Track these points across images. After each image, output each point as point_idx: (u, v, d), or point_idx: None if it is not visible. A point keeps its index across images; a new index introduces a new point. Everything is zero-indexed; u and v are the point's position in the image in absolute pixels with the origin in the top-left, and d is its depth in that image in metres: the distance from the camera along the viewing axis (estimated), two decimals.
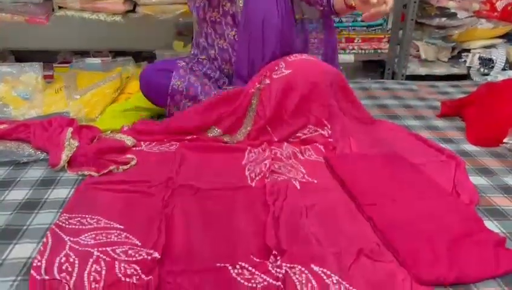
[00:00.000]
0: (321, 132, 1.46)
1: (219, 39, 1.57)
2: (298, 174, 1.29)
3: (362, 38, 2.56)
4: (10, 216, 1.07)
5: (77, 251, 0.94)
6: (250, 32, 1.51)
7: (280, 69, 1.47)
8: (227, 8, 1.54)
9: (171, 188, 1.18)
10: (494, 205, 1.17)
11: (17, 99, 1.68)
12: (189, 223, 1.06)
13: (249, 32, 1.52)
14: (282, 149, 1.41)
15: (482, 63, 2.62)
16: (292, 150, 1.41)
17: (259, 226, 1.05)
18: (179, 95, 1.56)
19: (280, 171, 1.28)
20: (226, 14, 1.53)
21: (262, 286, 0.88)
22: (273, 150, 1.39)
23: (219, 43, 1.57)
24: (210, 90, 1.58)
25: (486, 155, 1.44)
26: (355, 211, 1.13)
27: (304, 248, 0.98)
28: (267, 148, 1.39)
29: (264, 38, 1.52)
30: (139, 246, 0.97)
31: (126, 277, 0.88)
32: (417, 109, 1.83)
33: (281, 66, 1.47)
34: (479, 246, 0.98)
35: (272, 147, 1.41)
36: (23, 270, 0.90)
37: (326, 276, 0.90)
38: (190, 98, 1.57)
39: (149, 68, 1.62)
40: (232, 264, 0.93)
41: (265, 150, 1.38)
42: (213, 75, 1.63)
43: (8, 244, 0.97)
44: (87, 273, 0.88)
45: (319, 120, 1.46)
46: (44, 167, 1.30)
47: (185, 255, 0.96)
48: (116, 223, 1.04)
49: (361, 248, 0.98)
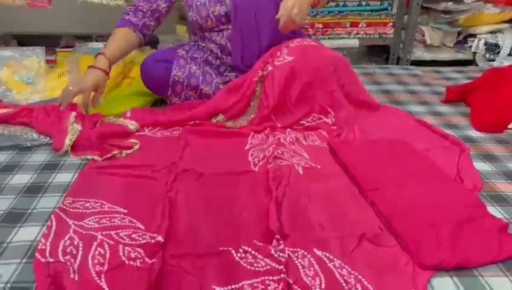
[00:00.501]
0: (325, 119, 1.46)
1: (216, 36, 1.55)
2: (301, 159, 1.28)
3: (367, 22, 2.54)
4: (14, 200, 1.07)
5: (81, 235, 0.95)
6: (243, 26, 1.50)
7: (282, 55, 1.46)
8: (217, 12, 1.52)
9: (175, 173, 1.18)
10: (498, 191, 1.16)
11: (20, 84, 1.68)
12: (192, 207, 1.07)
13: (242, 27, 1.50)
14: (285, 135, 1.41)
15: (488, 48, 2.60)
16: (295, 135, 1.41)
17: (262, 211, 1.05)
18: (180, 85, 1.56)
19: (283, 157, 1.28)
20: (219, 18, 1.52)
21: (265, 269, 0.89)
22: (276, 136, 1.39)
23: (216, 39, 1.56)
24: (212, 79, 1.58)
25: (491, 141, 1.43)
26: (358, 196, 1.13)
27: (306, 232, 0.99)
28: (270, 134, 1.39)
29: (258, 32, 1.51)
30: (142, 230, 0.98)
31: (130, 260, 0.89)
32: (422, 94, 1.81)
33: (283, 52, 1.46)
34: (482, 232, 0.98)
35: (275, 133, 1.41)
36: (27, 253, 0.90)
37: (329, 260, 0.91)
38: (192, 88, 1.56)
39: (149, 59, 1.60)
40: (235, 248, 0.94)
41: (268, 136, 1.38)
42: (214, 62, 1.62)
43: (12, 228, 0.97)
44: (91, 256, 0.89)
45: (322, 108, 1.45)
46: (48, 151, 1.30)
47: (188, 239, 0.97)
48: (119, 207, 1.05)
49: (364, 233, 0.98)
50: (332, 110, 1.45)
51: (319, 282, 0.87)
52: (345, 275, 0.88)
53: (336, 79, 1.47)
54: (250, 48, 1.54)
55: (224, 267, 0.90)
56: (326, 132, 1.43)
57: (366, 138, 1.40)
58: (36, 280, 0.84)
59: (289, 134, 1.41)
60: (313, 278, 0.87)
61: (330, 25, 2.52)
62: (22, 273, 0.86)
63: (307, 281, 0.87)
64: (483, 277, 0.88)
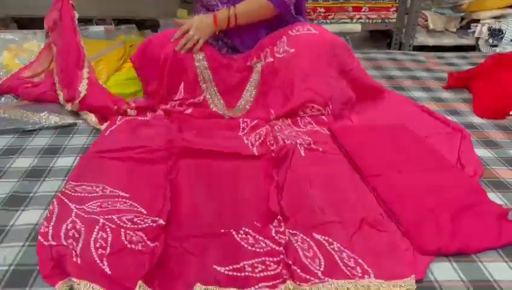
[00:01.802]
0: (323, 111, 1.42)
1: None
2: (304, 141, 1.28)
3: (369, 7, 2.51)
4: (16, 184, 1.08)
5: (83, 218, 0.95)
6: None
7: (283, 46, 1.43)
8: None
9: (174, 153, 1.19)
10: (498, 177, 1.17)
11: (21, 67, 1.67)
12: (192, 190, 1.08)
13: None
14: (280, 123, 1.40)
15: (491, 33, 2.58)
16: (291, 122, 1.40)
17: (262, 193, 1.06)
18: None
19: (286, 135, 1.29)
20: None
21: (265, 250, 0.91)
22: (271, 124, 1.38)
23: None
24: None
25: (492, 127, 1.43)
26: (359, 181, 1.13)
27: (306, 216, 1.00)
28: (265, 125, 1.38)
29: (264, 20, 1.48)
30: (144, 215, 0.98)
31: (132, 244, 0.90)
32: (424, 80, 1.81)
33: (283, 42, 1.44)
34: (482, 218, 0.98)
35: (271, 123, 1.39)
36: (30, 236, 0.91)
37: (329, 244, 0.92)
38: None
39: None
40: (236, 230, 0.95)
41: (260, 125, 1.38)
42: (215, 44, 1.61)
43: (15, 211, 0.98)
44: (93, 240, 0.90)
45: (322, 99, 1.41)
46: (50, 135, 1.30)
47: (189, 221, 0.98)
48: (121, 191, 1.05)
49: (364, 218, 0.99)
50: (331, 103, 1.42)
51: (318, 263, 0.88)
52: (345, 258, 0.89)
53: (336, 64, 1.45)
54: (251, 31, 1.52)
55: (225, 248, 0.91)
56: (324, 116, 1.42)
57: (367, 124, 1.40)
58: (39, 262, 0.85)
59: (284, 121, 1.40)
60: (312, 259, 0.89)
61: (332, 9, 2.49)
62: (25, 256, 0.86)
63: (306, 262, 0.88)
64: (482, 263, 0.89)
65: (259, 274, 0.85)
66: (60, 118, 1.37)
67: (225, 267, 0.86)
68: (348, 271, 0.86)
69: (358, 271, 0.86)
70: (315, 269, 0.86)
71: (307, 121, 1.40)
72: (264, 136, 1.29)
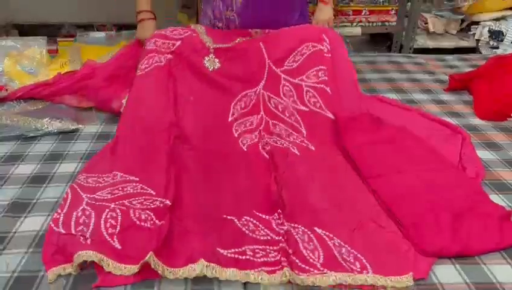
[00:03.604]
0: (320, 47, 1.39)
1: (226, 10, 1.53)
2: (297, 137, 1.28)
3: (369, 10, 2.51)
4: (19, 190, 1.08)
5: (94, 205, 0.99)
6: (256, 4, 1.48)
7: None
8: None
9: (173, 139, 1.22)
10: (501, 179, 1.17)
11: (22, 74, 1.67)
12: (192, 180, 1.11)
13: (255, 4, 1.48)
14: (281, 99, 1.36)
15: (492, 35, 2.58)
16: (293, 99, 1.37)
17: (262, 185, 1.09)
18: None
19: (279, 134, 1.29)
20: None
21: (265, 239, 0.93)
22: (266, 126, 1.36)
23: (226, 14, 1.53)
24: None
25: (494, 129, 1.43)
26: (357, 178, 1.14)
27: (307, 211, 1.01)
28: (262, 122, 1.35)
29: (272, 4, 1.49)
30: (153, 196, 1.02)
31: (141, 221, 0.95)
32: (425, 82, 1.81)
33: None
34: (484, 219, 0.98)
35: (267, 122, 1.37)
36: (33, 243, 0.91)
37: (329, 238, 0.93)
38: None
39: None
40: (238, 218, 0.98)
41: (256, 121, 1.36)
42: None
43: (18, 218, 0.98)
44: (103, 220, 0.94)
45: (317, 36, 1.40)
46: (52, 141, 1.30)
47: (192, 205, 1.02)
48: (132, 176, 1.09)
49: (365, 214, 1.00)
50: (327, 37, 1.40)
51: (317, 256, 0.89)
52: (344, 253, 0.90)
53: None
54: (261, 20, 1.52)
55: (227, 232, 0.94)
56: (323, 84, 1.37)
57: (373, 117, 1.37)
58: (44, 244, 0.89)
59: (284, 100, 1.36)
60: (312, 252, 0.90)
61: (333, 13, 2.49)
62: (28, 263, 0.86)
63: (305, 254, 0.90)
64: (486, 265, 0.89)
65: (260, 259, 0.88)
66: (62, 124, 1.37)
67: (227, 250, 0.89)
68: (347, 265, 0.88)
69: (357, 266, 0.88)
70: (314, 261, 0.88)
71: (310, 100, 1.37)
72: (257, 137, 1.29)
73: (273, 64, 1.39)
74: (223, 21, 1.52)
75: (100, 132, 1.37)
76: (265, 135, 1.30)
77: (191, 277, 0.83)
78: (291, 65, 1.38)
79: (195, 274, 0.83)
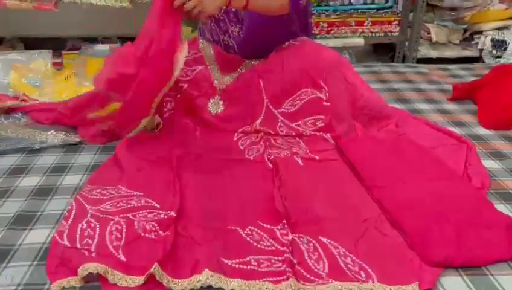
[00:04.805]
0: (318, 94, 1.38)
1: (223, 35, 1.52)
2: (300, 149, 1.30)
3: (372, 21, 2.53)
4: (24, 203, 1.08)
5: (98, 217, 0.99)
6: (256, 27, 1.46)
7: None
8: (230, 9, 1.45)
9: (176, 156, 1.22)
10: (506, 189, 1.16)
11: (28, 87, 1.69)
12: (197, 189, 1.11)
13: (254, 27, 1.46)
14: (277, 133, 1.38)
15: (495, 45, 2.58)
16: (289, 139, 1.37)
17: (266, 194, 1.09)
18: None
19: (281, 146, 1.31)
20: (228, 12, 1.44)
21: (270, 249, 0.93)
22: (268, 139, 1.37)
23: (224, 39, 1.53)
24: None
25: (499, 138, 1.43)
26: (361, 187, 1.15)
27: (312, 220, 1.01)
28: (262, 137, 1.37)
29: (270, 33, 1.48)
30: (158, 209, 1.03)
31: (145, 233, 0.94)
32: (428, 92, 1.81)
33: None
34: (490, 229, 0.98)
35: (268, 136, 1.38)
36: (38, 255, 0.91)
37: (334, 247, 0.93)
38: None
39: None
40: (242, 228, 0.98)
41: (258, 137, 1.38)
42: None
43: (23, 230, 0.98)
44: (108, 233, 0.94)
45: (315, 82, 1.38)
46: (57, 153, 1.31)
47: (197, 215, 1.01)
48: (135, 191, 1.09)
49: (370, 223, 1.00)
50: (325, 85, 1.38)
51: (322, 266, 0.89)
52: (349, 263, 0.90)
53: None
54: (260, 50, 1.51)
55: (232, 242, 0.94)
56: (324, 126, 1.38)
57: (372, 136, 1.39)
58: (48, 257, 0.88)
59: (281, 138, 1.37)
60: (317, 261, 0.90)
61: (335, 24, 2.51)
62: (32, 275, 0.86)
63: (310, 264, 0.89)
64: (493, 276, 0.88)
65: (265, 269, 0.88)
66: (66, 136, 1.38)
67: (232, 260, 0.89)
68: (352, 275, 0.87)
69: (362, 275, 0.87)
70: (319, 271, 0.88)
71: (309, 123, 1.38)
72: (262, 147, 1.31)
73: (271, 104, 1.39)
74: (220, 44, 1.51)
75: (104, 144, 1.37)
76: (268, 144, 1.32)
77: (196, 288, 0.83)
78: (289, 109, 1.39)
79: (200, 285, 0.83)
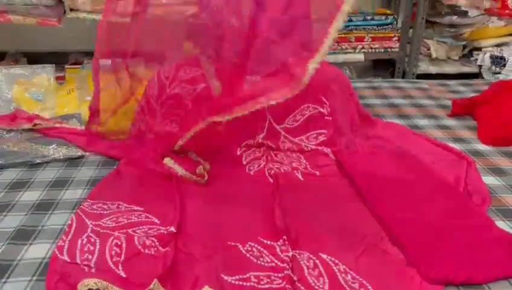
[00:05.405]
0: (320, 109, 1.39)
1: None
2: (300, 164, 1.30)
3: (372, 37, 2.55)
4: (25, 217, 1.08)
5: (98, 233, 0.99)
6: None
7: None
8: None
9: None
10: (507, 205, 1.16)
11: (30, 101, 1.70)
12: (196, 205, 1.11)
13: None
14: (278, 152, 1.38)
15: (494, 61, 2.60)
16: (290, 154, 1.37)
17: (266, 210, 1.09)
18: None
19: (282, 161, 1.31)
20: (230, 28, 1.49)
21: (270, 266, 0.92)
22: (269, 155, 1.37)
23: None
24: None
25: (499, 155, 1.43)
26: (361, 203, 1.14)
27: (312, 236, 1.01)
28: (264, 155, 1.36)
29: None
30: (158, 225, 1.03)
31: (145, 249, 0.94)
32: (428, 108, 1.81)
33: None
34: (491, 246, 0.97)
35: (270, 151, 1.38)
36: (38, 270, 0.91)
37: (334, 264, 0.93)
38: None
39: None
40: (242, 245, 0.98)
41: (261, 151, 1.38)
42: None
43: (23, 245, 0.98)
44: (108, 248, 0.94)
45: (316, 98, 1.39)
46: (58, 168, 1.31)
47: (197, 231, 1.02)
48: (136, 206, 1.10)
49: (371, 240, 1.00)
50: (326, 100, 1.39)
51: (322, 283, 0.89)
52: (349, 280, 0.89)
53: None
54: None
55: (231, 259, 0.94)
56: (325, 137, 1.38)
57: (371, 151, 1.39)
58: (48, 272, 0.88)
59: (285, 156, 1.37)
60: (317, 278, 0.90)
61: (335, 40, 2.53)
62: None
63: (310, 281, 0.89)
64: None
65: (265, 286, 0.87)
66: (68, 151, 1.38)
67: (232, 277, 0.89)
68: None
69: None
70: (319, 288, 0.88)
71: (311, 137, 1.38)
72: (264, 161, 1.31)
73: (273, 120, 1.39)
74: None
75: (106, 158, 1.38)
76: (270, 159, 1.33)
77: None
78: (292, 124, 1.39)
79: None
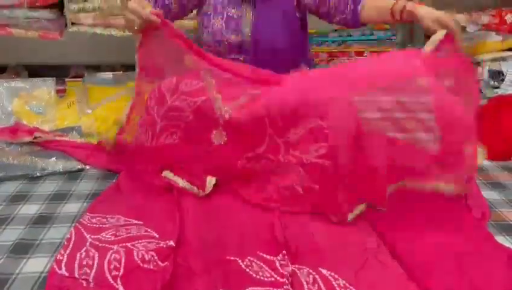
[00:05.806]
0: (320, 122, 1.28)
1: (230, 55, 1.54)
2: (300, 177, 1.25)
3: (371, 51, 2.56)
4: (24, 230, 1.08)
5: (97, 247, 0.99)
6: (260, 59, 1.46)
7: None
8: (231, 40, 1.48)
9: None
10: (506, 220, 1.16)
11: (31, 114, 1.71)
12: (196, 220, 1.11)
13: (259, 59, 1.46)
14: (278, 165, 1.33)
15: (492, 76, 2.61)
16: None
17: (266, 224, 1.09)
18: None
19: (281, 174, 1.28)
20: (231, 48, 1.49)
21: (269, 280, 0.92)
22: None
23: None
24: None
25: (498, 169, 1.43)
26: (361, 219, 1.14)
27: (312, 249, 1.01)
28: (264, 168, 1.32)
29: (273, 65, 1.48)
30: (157, 239, 1.02)
31: (144, 263, 0.94)
32: None
33: None
34: (490, 260, 0.97)
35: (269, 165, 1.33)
36: (36, 284, 0.90)
37: (334, 279, 0.93)
38: None
39: None
40: (242, 259, 0.97)
41: None
42: None
43: (21, 259, 0.98)
44: (107, 262, 0.93)
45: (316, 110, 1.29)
46: (57, 181, 1.31)
47: (197, 246, 1.01)
48: (135, 220, 1.10)
49: (370, 254, 0.99)
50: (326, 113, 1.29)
51: None
52: None
53: None
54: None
55: (231, 273, 0.94)
56: None
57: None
58: (46, 286, 0.88)
59: None
60: None
61: (335, 54, 2.55)
62: None
63: None
64: None
65: None
66: (67, 164, 1.38)
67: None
68: None
69: None
70: None
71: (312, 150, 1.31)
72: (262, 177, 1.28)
73: (274, 133, 1.35)
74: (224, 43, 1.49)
75: (105, 171, 1.38)
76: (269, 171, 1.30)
77: None
78: (292, 137, 1.34)
79: None
